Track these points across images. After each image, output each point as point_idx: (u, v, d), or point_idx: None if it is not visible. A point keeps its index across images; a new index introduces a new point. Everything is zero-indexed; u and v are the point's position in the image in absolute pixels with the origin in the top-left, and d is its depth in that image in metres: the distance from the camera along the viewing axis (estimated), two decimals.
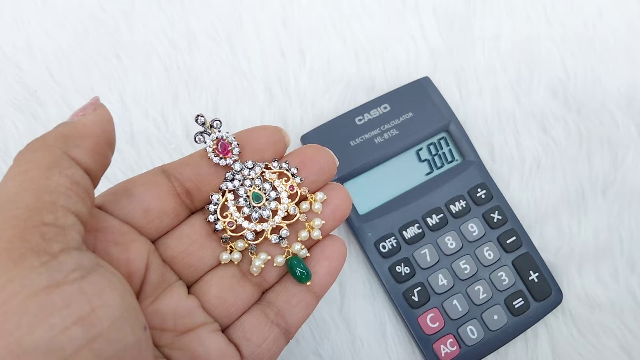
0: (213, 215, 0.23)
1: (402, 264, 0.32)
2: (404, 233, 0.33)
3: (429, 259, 0.32)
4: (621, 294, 0.34)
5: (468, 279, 0.32)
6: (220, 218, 0.23)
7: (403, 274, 0.32)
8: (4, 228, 0.16)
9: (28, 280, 0.15)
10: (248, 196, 0.24)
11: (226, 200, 0.23)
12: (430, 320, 0.31)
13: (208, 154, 0.23)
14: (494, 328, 0.31)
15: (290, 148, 0.25)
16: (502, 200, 0.34)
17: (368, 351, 0.32)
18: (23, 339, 0.15)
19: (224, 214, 0.23)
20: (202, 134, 0.23)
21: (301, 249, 0.24)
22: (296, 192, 0.24)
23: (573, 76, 0.39)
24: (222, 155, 0.23)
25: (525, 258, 0.33)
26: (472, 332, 0.31)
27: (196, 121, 0.23)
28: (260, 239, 0.24)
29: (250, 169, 0.24)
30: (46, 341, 0.15)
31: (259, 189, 0.24)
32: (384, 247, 0.32)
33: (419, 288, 0.32)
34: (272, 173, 0.24)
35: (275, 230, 0.24)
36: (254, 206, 0.24)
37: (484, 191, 0.34)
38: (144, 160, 0.35)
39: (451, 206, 0.33)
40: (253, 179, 0.24)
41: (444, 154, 0.35)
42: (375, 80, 0.38)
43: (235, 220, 0.23)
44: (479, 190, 0.34)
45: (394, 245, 0.32)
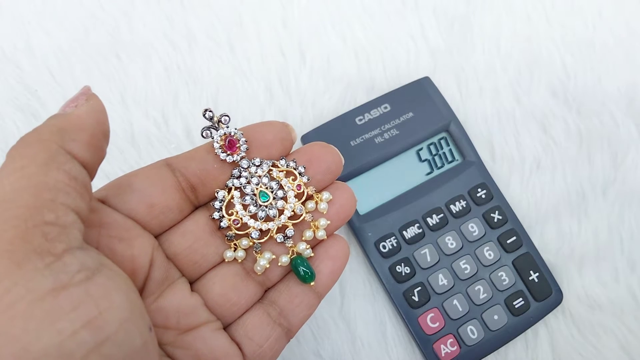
0: (218, 212, 0.23)
1: (402, 264, 0.32)
2: (404, 233, 0.33)
3: (429, 259, 0.32)
4: (621, 294, 0.34)
5: (468, 279, 0.32)
6: (226, 215, 0.23)
7: (403, 274, 0.32)
8: (5, 229, 0.15)
9: (33, 283, 0.15)
10: (255, 194, 0.23)
11: (232, 197, 0.23)
12: (430, 320, 0.31)
13: (215, 150, 0.22)
14: (494, 328, 0.31)
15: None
16: (502, 200, 0.34)
17: (368, 351, 0.32)
18: (31, 345, 0.14)
19: (230, 212, 0.23)
20: (210, 128, 0.22)
21: (306, 248, 0.24)
22: (303, 192, 0.23)
23: (573, 76, 0.39)
24: (230, 151, 0.22)
25: (526, 258, 0.33)
26: (472, 332, 0.31)
27: (204, 116, 0.22)
28: (266, 238, 0.24)
29: (257, 166, 0.23)
30: (55, 346, 0.14)
31: (266, 187, 0.23)
32: (384, 247, 0.32)
33: (419, 288, 0.32)
34: (280, 171, 0.23)
35: (281, 229, 0.24)
36: (261, 205, 0.23)
37: (484, 191, 0.34)
38: (145, 160, 0.35)
39: (451, 206, 0.33)
40: (260, 176, 0.23)
41: (444, 154, 0.35)
42: (375, 80, 0.38)
43: (241, 218, 0.23)
44: (479, 190, 0.34)
45: (394, 245, 0.32)
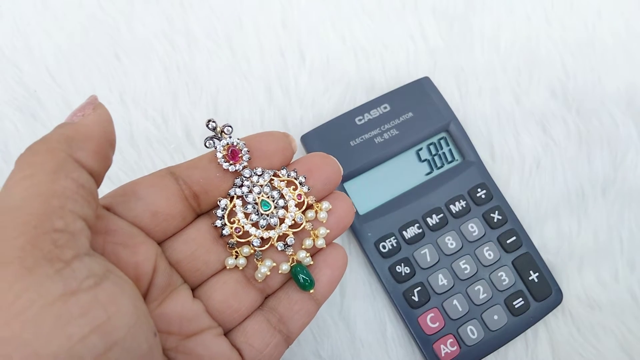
0: (220, 220, 0.23)
1: (402, 264, 0.32)
2: (404, 233, 0.33)
3: (429, 259, 0.32)
4: (621, 294, 0.34)
5: (468, 279, 0.32)
6: (228, 223, 0.23)
7: (403, 274, 0.32)
8: (15, 235, 0.16)
9: (44, 289, 0.15)
10: (257, 203, 0.24)
11: (234, 206, 0.24)
12: (430, 320, 0.31)
13: (218, 160, 0.23)
14: (494, 328, 0.31)
15: None
16: (502, 200, 0.34)
17: (368, 351, 0.32)
18: (42, 349, 0.14)
19: (232, 220, 0.24)
20: (213, 138, 0.23)
21: (306, 256, 0.24)
22: (303, 201, 0.24)
23: (573, 76, 0.39)
24: (232, 161, 0.23)
25: (525, 258, 0.33)
26: (472, 332, 0.31)
27: (207, 126, 0.23)
28: (267, 246, 0.24)
29: (259, 175, 0.24)
30: (65, 351, 0.15)
31: (268, 197, 0.24)
32: (384, 247, 0.32)
33: (419, 288, 0.32)
34: (281, 181, 0.24)
35: (282, 237, 0.24)
36: (262, 213, 0.24)
37: (484, 191, 0.34)
38: (145, 161, 0.35)
39: (451, 206, 0.33)
40: (262, 186, 0.24)
41: (444, 154, 0.35)
42: (375, 80, 0.38)
43: (243, 227, 0.24)
44: (479, 190, 0.34)
45: (394, 245, 0.32)
